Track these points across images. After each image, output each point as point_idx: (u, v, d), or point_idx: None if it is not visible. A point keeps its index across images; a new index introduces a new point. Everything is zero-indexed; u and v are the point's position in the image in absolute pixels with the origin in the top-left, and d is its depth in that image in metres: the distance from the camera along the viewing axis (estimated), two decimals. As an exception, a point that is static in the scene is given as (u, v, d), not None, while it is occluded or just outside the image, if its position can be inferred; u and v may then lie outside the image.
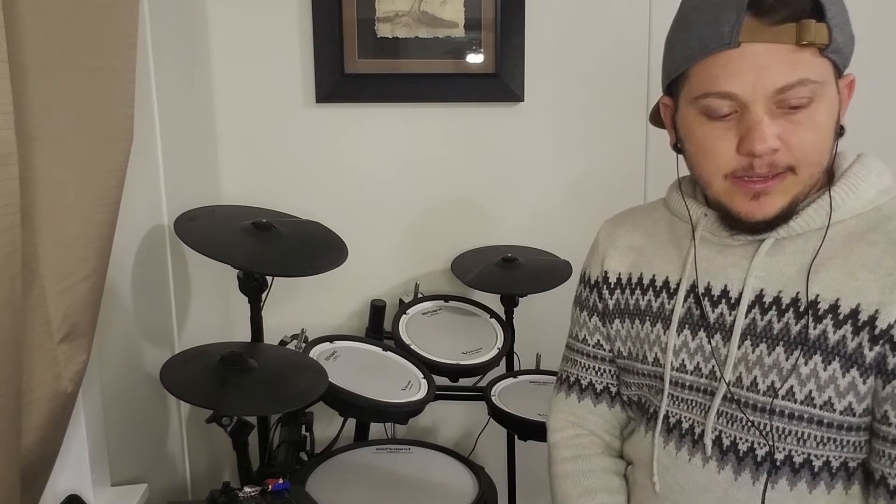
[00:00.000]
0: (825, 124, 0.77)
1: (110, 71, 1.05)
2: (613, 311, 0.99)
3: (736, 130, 0.78)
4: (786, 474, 0.83)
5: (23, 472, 0.91)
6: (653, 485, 0.92)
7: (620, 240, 0.99)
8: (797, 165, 0.77)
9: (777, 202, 0.79)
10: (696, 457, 0.88)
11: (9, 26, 0.80)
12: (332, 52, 1.72)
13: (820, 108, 0.76)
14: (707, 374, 0.88)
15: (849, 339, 0.77)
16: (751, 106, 0.76)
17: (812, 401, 0.80)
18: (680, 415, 0.91)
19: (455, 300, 1.78)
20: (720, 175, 0.81)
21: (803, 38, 0.73)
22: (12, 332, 0.84)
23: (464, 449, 1.80)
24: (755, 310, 0.84)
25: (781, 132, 0.76)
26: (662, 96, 0.90)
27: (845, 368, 0.78)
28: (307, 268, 1.55)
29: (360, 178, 1.81)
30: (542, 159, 1.80)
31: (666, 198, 0.99)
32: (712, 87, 0.77)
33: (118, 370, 1.34)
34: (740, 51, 0.75)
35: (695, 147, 0.83)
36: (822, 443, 0.81)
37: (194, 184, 1.70)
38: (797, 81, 0.74)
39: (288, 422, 1.53)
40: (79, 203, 0.98)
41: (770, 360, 0.82)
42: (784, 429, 0.82)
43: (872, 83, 1.76)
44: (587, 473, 1.00)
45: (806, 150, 0.77)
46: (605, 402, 1.03)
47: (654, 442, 0.92)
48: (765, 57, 0.74)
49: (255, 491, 1.20)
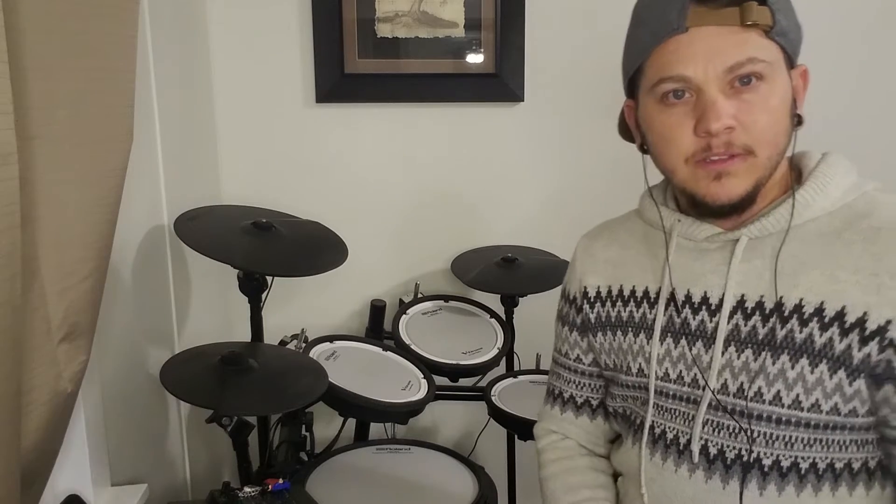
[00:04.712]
0: (778, 107, 0.80)
1: (110, 71, 1.05)
2: (596, 324, 0.99)
3: (693, 114, 0.80)
4: (774, 479, 0.83)
5: (23, 472, 0.91)
6: (641, 496, 0.92)
7: (598, 254, 1.01)
8: (754, 146, 0.79)
9: (740, 184, 0.80)
10: (682, 467, 0.88)
11: (9, 26, 0.80)
12: (332, 52, 1.72)
13: (772, 90, 0.79)
14: (689, 382, 0.88)
15: (836, 342, 0.78)
16: (704, 87, 0.78)
17: (799, 404, 0.80)
18: (665, 425, 0.90)
19: (455, 300, 1.78)
20: (682, 159, 0.82)
21: (747, 19, 0.77)
22: (12, 331, 0.84)
23: (464, 449, 1.80)
24: (737, 315, 0.84)
25: (736, 112, 0.78)
26: (625, 100, 0.93)
27: (833, 370, 0.79)
28: (307, 268, 1.55)
29: (360, 178, 1.81)
30: (542, 159, 1.80)
31: (639, 207, 1.00)
32: (666, 72, 0.80)
33: (118, 370, 1.34)
34: (689, 35, 0.79)
35: (656, 136, 0.85)
36: (809, 444, 0.81)
37: (194, 184, 1.70)
38: (746, 59, 0.77)
39: (288, 422, 1.53)
40: (79, 203, 0.98)
41: (756, 365, 0.82)
42: (772, 434, 0.82)
43: (834, 81, 1.76)
44: (571, 471, 1.03)
45: (761, 129, 0.79)
46: (585, 415, 1.06)
47: (641, 453, 0.92)
48: (713, 39, 0.78)
49: (255, 491, 1.20)
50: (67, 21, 0.94)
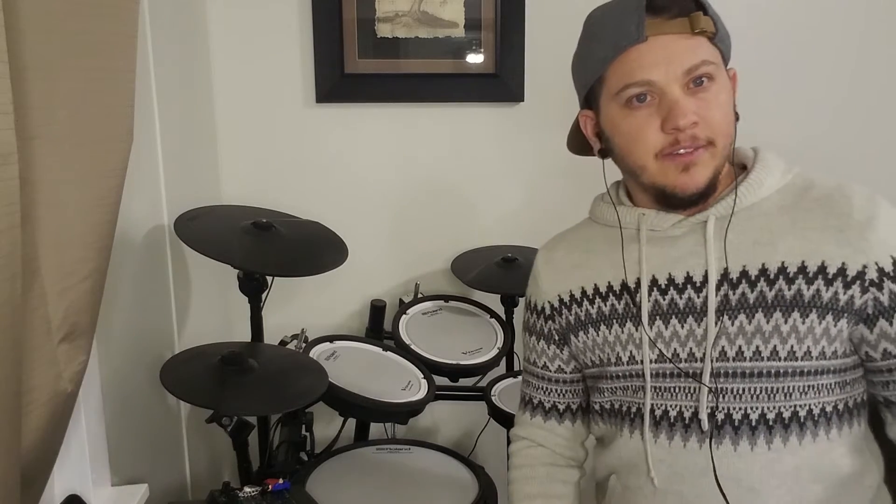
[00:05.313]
0: (726, 102, 0.90)
1: (110, 71, 1.05)
2: (575, 325, 1.02)
3: (658, 114, 0.88)
4: (779, 432, 0.89)
5: (23, 472, 0.91)
6: (651, 481, 0.93)
7: (561, 262, 1.06)
8: (715, 137, 0.88)
9: (704, 173, 0.89)
10: (690, 440, 0.92)
11: (9, 26, 0.80)
12: (332, 51, 1.72)
13: (721, 88, 0.89)
14: (686, 357, 0.92)
15: (823, 291, 0.87)
16: (667, 89, 0.87)
17: (794, 354, 0.88)
18: (665, 405, 0.94)
19: (455, 300, 1.78)
20: (651, 156, 0.90)
21: (696, 28, 0.87)
22: (12, 332, 0.84)
23: (464, 449, 1.80)
24: (724, 287, 0.90)
25: (696, 108, 0.86)
26: (581, 111, 1.01)
27: (821, 316, 0.87)
28: (307, 268, 1.55)
29: (360, 178, 1.81)
30: (542, 159, 1.80)
31: (591, 215, 1.08)
32: (631, 79, 0.88)
33: (118, 370, 1.34)
34: (648, 44, 0.87)
35: (623, 138, 0.92)
36: (804, 392, 0.89)
37: (194, 184, 1.70)
38: (701, 62, 0.87)
39: (288, 422, 1.53)
40: (79, 203, 0.98)
41: (752, 327, 0.89)
42: (772, 388, 0.89)
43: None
44: (529, 480, 1.09)
45: (718, 122, 0.88)
46: (553, 419, 1.10)
47: (645, 438, 0.95)
48: (670, 46, 0.87)
49: (255, 491, 1.20)
50: (67, 21, 0.94)
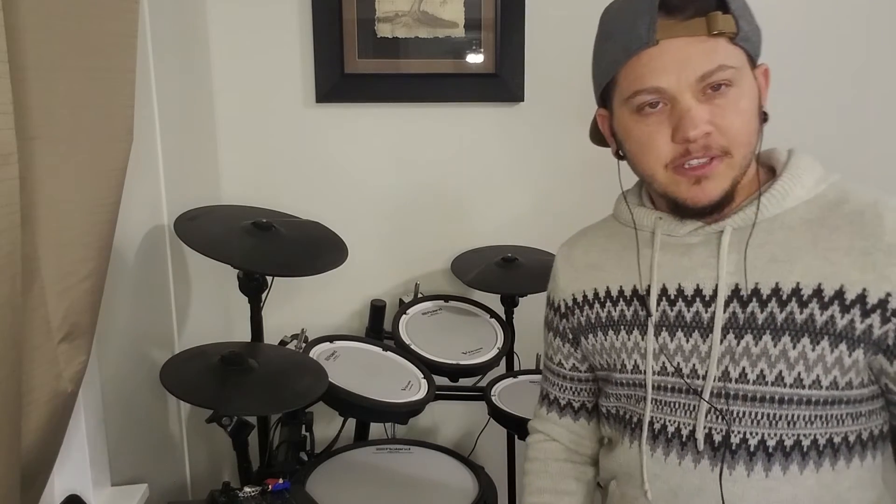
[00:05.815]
0: (748, 108, 0.83)
1: (110, 71, 1.05)
2: (586, 326, 1.01)
3: (669, 122, 0.83)
4: (778, 460, 0.85)
5: (23, 472, 0.91)
6: (644, 494, 0.92)
7: (579, 260, 1.03)
8: (731, 147, 0.82)
9: (718, 185, 0.83)
10: (686, 458, 0.89)
11: (9, 26, 0.80)
12: (332, 51, 1.72)
13: (741, 93, 0.82)
14: (688, 373, 0.89)
15: (838, 318, 0.81)
16: (678, 96, 0.81)
17: (801, 382, 0.83)
18: (664, 419, 0.91)
19: (455, 300, 1.78)
20: (661, 166, 0.85)
21: (714, 29, 0.80)
22: (12, 332, 0.84)
23: (464, 449, 1.80)
24: (733, 304, 0.86)
25: (711, 117, 0.81)
26: (598, 110, 0.97)
27: (834, 345, 0.82)
28: (307, 268, 1.55)
29: (360, 178, 1.81)
30: (542, 159, 1.80)
31: (614, 213, 1.02)
32: (641, 85, 0.83)
33: (118, 370, 1.34)
34: (659, 48, 0.81)
35: (634, 144, 0.87)
36: (810, 422, 0.84)
37: (194, 184, 1.70)
38: (716, 68, 0.80)
39: (288, 422, 1.53)
40: (79, 203, 0.98)
41: (758, 349, 0.85)
42: (775, 414, 0.85)
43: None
44: (541, 474, 1.08)
45: (736, 131, 0.82)
46: (568, 416, 1.09)
47: (642, 450, 0.93)
48: (683, 50, 0.81)
49: (255, 491, 1.20)
50: (67, 21, 0.94)
